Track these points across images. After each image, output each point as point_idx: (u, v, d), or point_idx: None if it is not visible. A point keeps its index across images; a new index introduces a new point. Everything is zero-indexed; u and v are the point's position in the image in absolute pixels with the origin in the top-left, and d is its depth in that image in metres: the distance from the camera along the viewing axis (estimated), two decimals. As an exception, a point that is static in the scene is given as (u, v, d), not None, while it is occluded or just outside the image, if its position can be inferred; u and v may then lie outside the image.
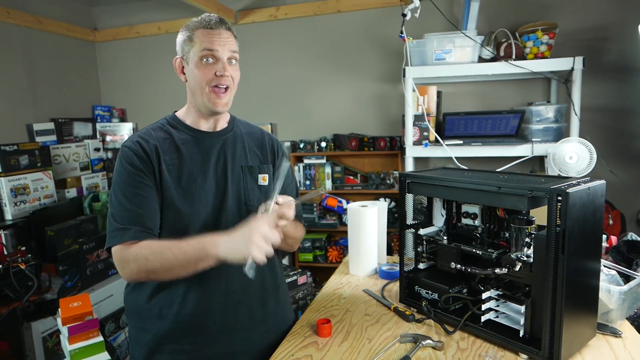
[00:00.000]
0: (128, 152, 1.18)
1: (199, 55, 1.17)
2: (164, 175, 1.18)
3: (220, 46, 1.17)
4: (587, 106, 2.81)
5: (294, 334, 1.26)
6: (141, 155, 1.17)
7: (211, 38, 1.17)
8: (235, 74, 1.23)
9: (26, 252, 2.53)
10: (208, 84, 1.18)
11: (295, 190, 1.45)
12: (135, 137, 1.22)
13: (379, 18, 3.42)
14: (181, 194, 1.18)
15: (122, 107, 4.26)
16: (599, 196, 1.07)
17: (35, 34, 3.58)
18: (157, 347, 1.20)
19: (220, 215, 1.22)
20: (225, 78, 1.18)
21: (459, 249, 1.28)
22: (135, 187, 1.15)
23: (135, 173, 1.16)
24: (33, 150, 3.22)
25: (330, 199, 3.48)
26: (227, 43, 1.19)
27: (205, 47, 1.16)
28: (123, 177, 1.17)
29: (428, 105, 2.71)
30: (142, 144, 1.19)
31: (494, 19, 3.05)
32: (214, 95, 1.19)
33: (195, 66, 1.18)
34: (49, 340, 2.64)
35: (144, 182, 1.16)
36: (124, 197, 1.15)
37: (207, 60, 1.17)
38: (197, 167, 1.22)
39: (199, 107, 1.24)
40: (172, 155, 1.20)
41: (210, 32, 1.18)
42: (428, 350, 1.13)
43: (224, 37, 1.18)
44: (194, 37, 1.18)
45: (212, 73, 1.18)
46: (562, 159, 2.30)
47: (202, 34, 1.18)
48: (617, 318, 1.22)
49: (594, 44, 2.95)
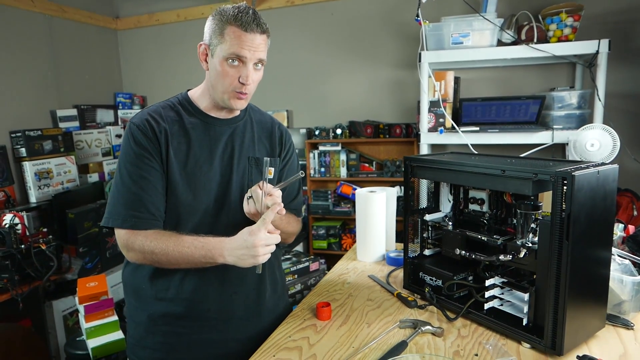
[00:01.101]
0: (136, 130, 1.15)
1: (226, 55, 1.11)
2: (170, 158, 1.16)
3: (250, 53, 1.11)
4: (613, 92, 2.69)
5: (293, 316, 1.26)
6: (149, 135, 1.15)
7: (243, 43, 1.10)
8: (258, 77, 1.18)
9: (47, 234, 2.62)
10: (230, 86, 1.15)
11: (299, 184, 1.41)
12: (144, 114, 1.18)
13: (397, 2, 3.35)
14: (185, 180, 1.17)
15: (142, 95, 4.33)
16: (611, 181, 1.02)
17: (58, 22, 3.67)
18: (151, 327, 1.22)
19: (223, 205, 1.21)
20: (248, 86, 1.15)
21: (464, 234, 1.25)
22: (140, 168, 1.13)
23: (141, 154, 1.14)
24: (56, 136, 3.32)
25: (345, 187, 3.46)
26: (258, 49, 1.12)
27: (234, 52, 1.10)
28: (129, 157, 1.14)
29: (445, 91, 2.64)
30: (152, 123, 1.16)
31: (515, 1, 2.94)
32: (235, 97, 1.17)
33: (220, 64, 1.13)
34: (69, 319, 2.74)
35: (150, 164, 1.14)
36: (130, 178, 1.13)
37: (232, 61, 1.12)
38: (204, 153, 1.20)
39: (216, 99, 1.20)
40: (181, 140, 1.18)
41: (244, 34, 1.10)
42: (427, 336, 1.11)
43: (256, 43, 1.12)
44: (225, 33, 1.11)
45: (235, 78, 1.13)
46: (583, 146, 2.21)
47: (234, 33, 1.10)
48: (630, 310, 1.17)
49: (621, 27, 2.81)
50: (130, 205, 1.13)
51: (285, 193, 1.37)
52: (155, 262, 1.12)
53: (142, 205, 1.13)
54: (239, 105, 1.19)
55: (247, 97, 1.19)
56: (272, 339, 1.14)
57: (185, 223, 1.18)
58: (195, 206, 1.18)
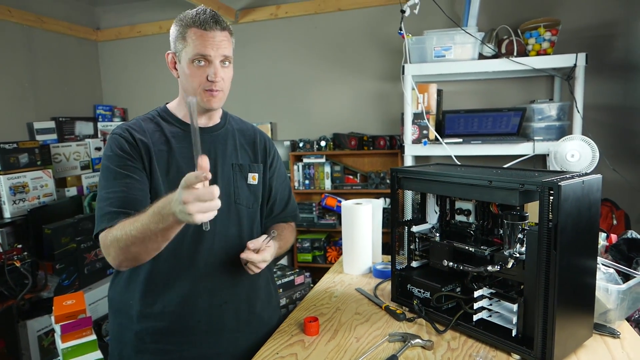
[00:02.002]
0: (118, 138, 1.15)
1: (190, 57, 1.13)
2: (153, 166, 1.15)
3: (213, 50, 1.12)
4: (591, 104, 2.75)
5: (280, 332, 1.23)
6: (131, 141, 1.14)
7: (204, 42, 1.12)
8: (227, 75, 1.18)
9: (22, 250, 2.53)
10: (200, 86, 1.15)
11: (289, 189, 1.43)
12: (124, 125, 1.19)
13: (380, 16, 3.40)
14: (167, 187, 1.15)
15: (123, 107, 4.26)
16: (595, 190, 1.03)
17: (37, 32, 3.60)
18: (139, 345, 1.18)
19: None
20: (218, 82, 1.15)
21: (452, 246, 1.24)
22: (125, 169, 1.11)
23: (125, 157, 1.13)
24: (33, 149, 3.22)
25: (330, 199, 3.45)
26: (220, 46, 1.13)
27: (197, 52, 1.12)
28: (113, 161, 1.13)
29: (428, 104, 2.67)
30: (132, 132, 1.16)
31: (495, 16, 3.01)
32: (207, 95, 1.16)
33: (187, 67, 1.14)
34: (44, 339, 2.63)
35: (134, 165, 1.13)
36: (114, 180, 1.11)
37: (198, 62, 1.13)
38: (186, 161, 1.19)
39: None
40: (162, 147, 1.18)
41: (204, 33, 1.12)
42: (417, 349, 1.10)
43: (217, 40, 1.13)
44: (187, 36, 1.13)
45: (203, 76, 1.14)
46: (563, 157, 2.25)
47: (195, 34, 1.12)
48: (615, 318, 1.18)
49: (597, 41, 2.90)
50: (114, 204, 1.08)
51: (276, 204, 1.37)
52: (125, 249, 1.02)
53: (125, 204, 1.08)
54: (214, 104, 1.18)
55: (221, 94, 1.18)
56: (259, 356, 1.11)
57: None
58: None
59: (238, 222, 1.24)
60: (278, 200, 1.38)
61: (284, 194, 1.40)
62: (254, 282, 1.28)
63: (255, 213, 1.31)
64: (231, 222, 1.23)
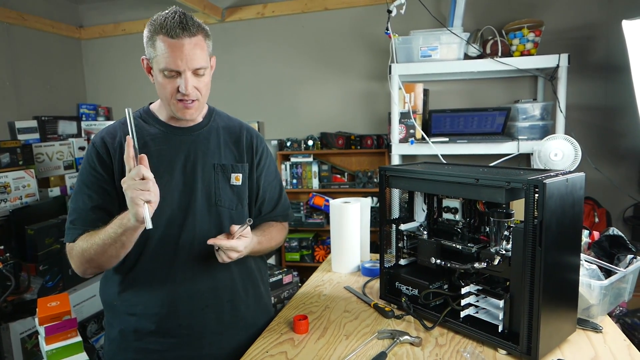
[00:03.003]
0: (92, 150, 1.17)
1: (160, 68, 1.08)
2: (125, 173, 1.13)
3: (182, 63, 1.06)
4: (573, 104, 2.81)
5: (270, 331, 1.23)
6: (103, 155, 1.15)
7: (173, 53, 1.06)
8: (202, 84, 1.13)
9: (4, 252, 2.48)
10: (172, 97, 1.12)
11: (279, 188, 1.40)
12: (104, 131, 1.20)
13: (367, 15, 3.41)
14: None
15: (107, 106, 4.21)
16: (578, 188, 1.05)
17: (18, 30, 3.53)
18: (123, 343, 1.18)
19: (187, 215, 1.18)
20: (190, 94, 1.11)
21: (439, 243, 1.26)
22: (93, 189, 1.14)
23: (95, 175, 1.15)
24: (15, 148, 3.16)
25: (317, 198, 3.45)
26: (190, 57, 1.07)
27: (165, 66, 1.07)
28: (84, 176, 1.17)
29: (415, 103, 2.69)
30: (107, 142, 1.16)
31: (480, 17, 3.05)
32: (182, 106, 1.14)
33: (159, 76, 1.10)
34: (27, 342, 2.58)
35: (102, 185, 1.15)
36: (82, 196, 1.15)
37: (169, 73, 1.09)
38: (164, 164, 1.17)
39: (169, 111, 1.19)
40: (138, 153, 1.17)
41: (172, 43, 1.05)
42: (406, 346, 1.11)
43: (187, 50, 1.06)
44: (156, 45, 1.08)
45: (174, 87, 1.10)
46: (547, 156, 2.29)
47: (163, 43, 1.06)
48: (598, 313, 1.21)
49: (580, 42, 2.96)
50: (78, 221, 1.14)
51: (265, 203, 1.35)
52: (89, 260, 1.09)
53: (87, 221, 1.13)
54: (188, 115, 1.16)
55: (197, 104, 1.15)
56: (249, 354, 1.11)
57: (151, 235, 1.15)
58: (158, 217, 1.13)
59: (219, 225, 1.21)
60: (267, 199, 1.34)
61: (274, 194, 1.36)
62: (237, 284, 1.26)
63: (240, 215, 1.27)
64: (212, 224, 1.20)
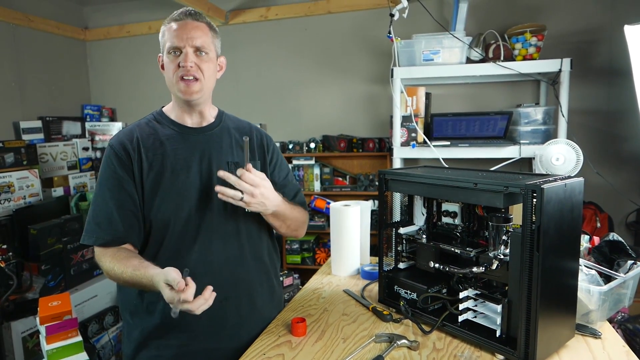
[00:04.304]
0: (111, 153, 1.21)
1: (166, 50, 1.19)
2: (145, 173, 1.19)
3: (182, 40, 1.17)
4: (576, 109, 2.81)
5: (268, 333, 1.23)
6: (123, 157, 1.19)
7: (176, 32, 1.17)
8: (205, 65, 1.20)
9: (7, 251, 2.49)
10: (175, 74, 1.19)
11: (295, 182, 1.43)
12: (121, 134, 1.24)
13: (369, 19, 3.42)
14: (164, 190, 1.19)
15: (112, 107, 4.23)
16: (577, 193, 1.05)
17: (24, 31, 3.56)
18: (144, 342, 1.21)
19: (206, 211, 1.22)
20: (189, 69, 1.17)
21: (438, 247, 1.26)
22: (115, 191, 1.18)
23: (115, 177, 1.18)
24: (19, 148, 3.18)
25: (319, 201, 3.46)
26: (191, 35, 1.17)
27: (170, 45, 1.18)
28: (105, 178, 1.20)
29: (417, 107, 2.70)
30: (125, 144, 1.20)
31: (483, 21, 3.05)
32: (183, 85, 1.19)
33: (166, 59, 1.21)
34: (29, 341, 2.59)
35: (124, 186, 1.18)
36: (105, 198, 1.18)
37: (174, 53, 1.18)
38: (181, 162, 1.22)
39: (176, 98, 1.25)
40: (156, 152, 1.21)
41: (176, 25, 1.18)
42: (403, 350, 1.11)
43: (188, 28, 1.17)
44: (166, 32, 1.20)
45: (177, 64, 1.18)
46: (549, 160, 2.29)
47: (169, 29, 1.19)
48: (597, 319, 1.20)
49: (582, 47, 2.95)
50: (101, 223, 1.17)
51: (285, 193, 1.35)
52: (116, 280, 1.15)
53: (109, 224, 1.17)
54: (191, 92, 1.20)
55: (197, 85, 1.20)
56: (246, 356, 1.11)
57: (170, 233, 1.19)
58: (176, 215, 1.20)
59: (235, 220, 1.25)
60: (287, 191, 1.36)
61: (293, 186, 1.40)
62: (254, 277, 1.29)
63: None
64: (228, 219, 1.24)
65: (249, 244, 1.28)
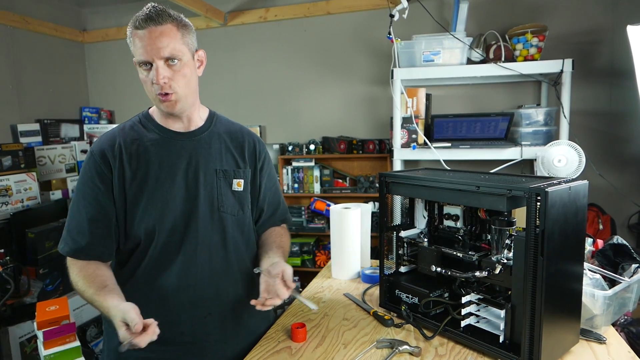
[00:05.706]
0: (91, 161, 1.14)
1: (136, 61, 1.09)
2: (127, 182, 1.14)
3: (150, 53, 1.05)
4: (578, 110, 2.79)
5: (267, 339, 1.21)
6: (101, 167, 1.13)
7: (140, 43, 1.05)
8: (179, 75, 1.09)
9: (5, 255, 2.47)
10: (151, 91, 1.11)
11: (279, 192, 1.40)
12: (103, 139, 1.17)
13: (369, 20, 3.40)
14: (147, 199, 1.14)
15: (110, 109, 4.21)
16: (581, 197, 1.03)
17: (21, 33, 3.54)
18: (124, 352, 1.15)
19: (191, 221, 1.16)
20: (163, 86, 1.08)
21: (440, 251, 1.24)
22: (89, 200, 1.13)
23: (92, 188, 1.13)
24: (17, 151, 3.17)
25: (319, 203, 3.43)
26: (157, 46, 1.04)
27: (137, 60, 1.08)
28: (82, 184, 1.15)
29: (417, 108, 2.68)
30: (106, 152, 1.14)
31: (484, 21, 3.03)
32: (161, 101, 1.11)
33: (139, 70, 1.11)
34: (27, 346, 2.57)
35: (99, 198, 1.13)
36: (79, 206, 1.14)
37: (145, 66, 1.08)
38: (165, 170, 1.16)
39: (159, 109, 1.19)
40: (140, 159, 1.15)
41: (138, 34, 1.05)
42: (405, 356, 1.09)
43: (153, 38, 1.04)
44: (131, 41, 1.09)
45: (150, 81, 1.09)
46: (550, 162, 2.27)
47: (134, 38, 1.07)
48: (602, 324, 1.18)
49: (584, 47, 2.93)
50: (74, 234, 1.13)
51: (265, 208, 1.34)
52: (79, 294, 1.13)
53: (81, 235, 1.12)
54: (169, 109, 1.13)
55: (174, 97, 1.11)
56: (245, 363, 1.09)
57: (155, 244, 1.14)
58: (160, 224, 1.14)
59: (222, 231, 1.20)
60: (267, 204, 1.34)
61: (275, 198, 1.36)
62: (240, 291, 1.25)
63: (243, 220, 1.26)
64: (214, 230, 1.19)
65: (236, 255, 1.24)
